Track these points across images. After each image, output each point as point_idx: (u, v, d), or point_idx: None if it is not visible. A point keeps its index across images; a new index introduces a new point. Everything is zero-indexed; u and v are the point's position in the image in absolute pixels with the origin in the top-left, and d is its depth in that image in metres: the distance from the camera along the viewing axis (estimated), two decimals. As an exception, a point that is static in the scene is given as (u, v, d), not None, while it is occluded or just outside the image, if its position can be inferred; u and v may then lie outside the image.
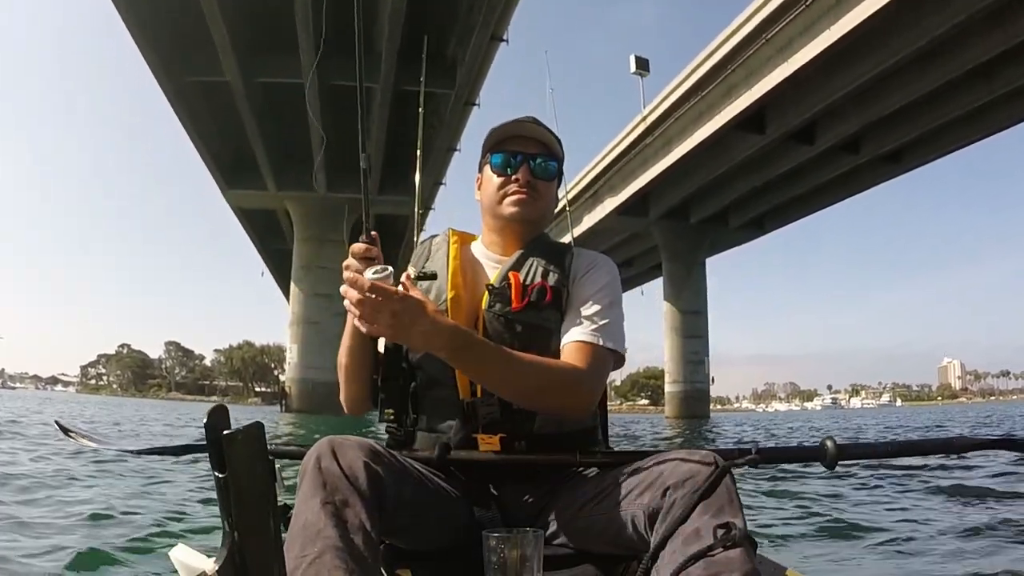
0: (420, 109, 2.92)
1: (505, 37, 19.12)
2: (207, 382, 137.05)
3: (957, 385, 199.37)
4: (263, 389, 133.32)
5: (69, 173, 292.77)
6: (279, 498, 0.69)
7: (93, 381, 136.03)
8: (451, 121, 24.39)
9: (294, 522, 0.98)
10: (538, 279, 1.37)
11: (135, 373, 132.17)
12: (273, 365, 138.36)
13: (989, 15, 17.04)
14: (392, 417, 1.38)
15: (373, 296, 1.08)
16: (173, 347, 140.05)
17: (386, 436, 1.44)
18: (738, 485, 1.02)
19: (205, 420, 0.64)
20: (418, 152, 2.80)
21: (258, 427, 0.66)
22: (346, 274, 1.16)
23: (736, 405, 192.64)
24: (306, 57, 18.73)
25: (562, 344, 1.34)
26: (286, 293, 58.72)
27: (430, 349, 1.18)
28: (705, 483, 0.98)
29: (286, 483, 0.95)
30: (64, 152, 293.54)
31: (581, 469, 1.33)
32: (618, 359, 1.37)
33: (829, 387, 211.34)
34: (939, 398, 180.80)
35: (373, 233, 1.30)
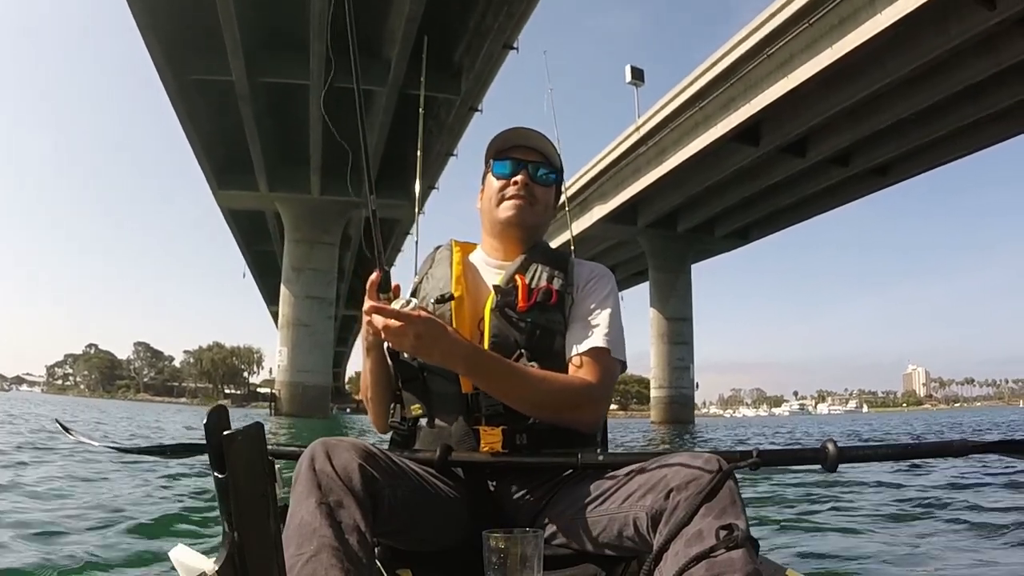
0: (420, 110, 3.02)
1: (516, 45, 19.33)
2: (176, 383, 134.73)
3: (922, 392, 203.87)
4: (233, 391, 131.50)
5: (33, 168, 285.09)
6: (278, 498, 0.70)
7: (60, 381, 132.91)
8: (453, 126, 24.50)
9: (289, 522, 1.00)
10: (543, 282, 1.42)
11: (103, 373, 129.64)
12: (243, 367, 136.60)
13: (982, 40, 17.78)
14: (415, 412, 1.41)
15: (398, 322, 1.19)
16: (142, 348, 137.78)
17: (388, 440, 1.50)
18: (740, 486, 1.04)
19: (205, 421, 0.64)
20: (418, 155, 2.89)
21: (258, 428, 0.67)
22: (368, 306, 1.24)
23: (704, 411, 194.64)
24: (316, 60, 18.71)
25: (571, 354, 1.40)
26: (266, 295, 58.37)
27: (449, 365, 1.26)
28: (708, 485, 1.00)
29: (285, 484, 1.01)
30: (28, 144, 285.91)
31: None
32: (622, 366, 1.44)
33: (795, 393, 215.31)
34: (904, 405, 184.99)
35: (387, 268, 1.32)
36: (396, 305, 1.22)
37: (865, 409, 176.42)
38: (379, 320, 1.20)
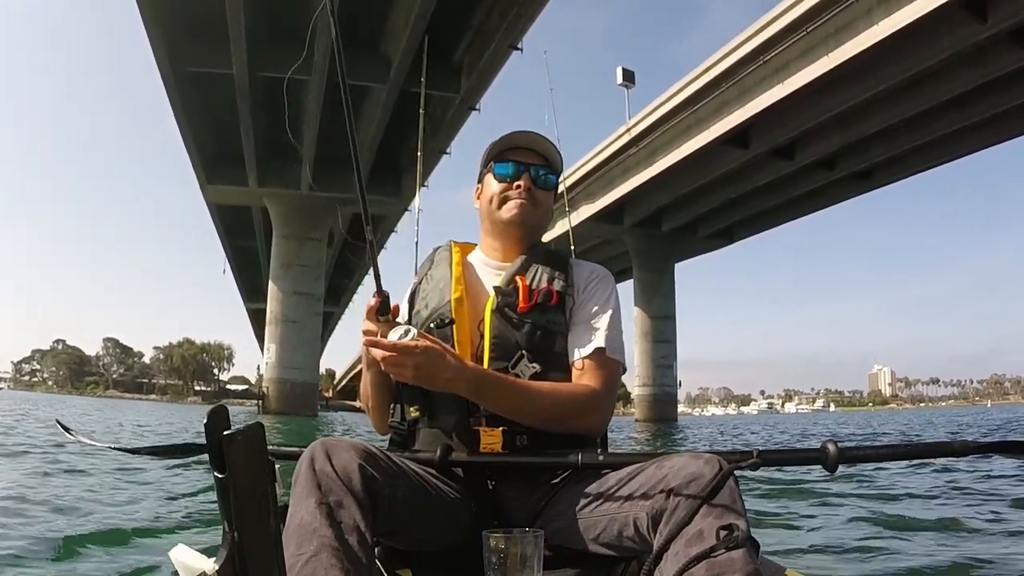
0: (421, 111, 3.07)
1: (520, 46, 19.47)
2: (146, 380, 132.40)
3: (888, 392, 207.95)
4: (203, 388, 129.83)
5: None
6: (278, 498, 0.70)
7: (27, 377, 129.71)
8: (450, 124, 24.53)
9: (289, 522, 1.01)
10: (544, 284, 1.42)
11: (71, 370, 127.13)
12: (214, 364, 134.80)
13: (972, 52, 18.44)
14: (414, 414, 1.41)
15: (397, 354, 1.19)
16: (111, 344, 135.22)
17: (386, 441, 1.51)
18: (740, 487, 1.05)
19: (205, 421, 0.64)
20: (419, 155, 2.90)
21: (258, 428, 0.67)
22: (366, 339, 1.26)
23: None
24: (320, 55, 18.60)
25: (574, 358, 1.41)
26: (244, 290, 57.62)
27: (452, 391, 1.27)
28: (709, 485, 1.00)
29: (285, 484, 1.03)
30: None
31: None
32: (622, 368, 1.46)
33: (762, 392, 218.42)
34: (871, 404, 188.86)
35: (385, 290, 1.31)
36: (394, 335, 1.22)
37: (832, 408, 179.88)
38: (378, 353, 1.22)
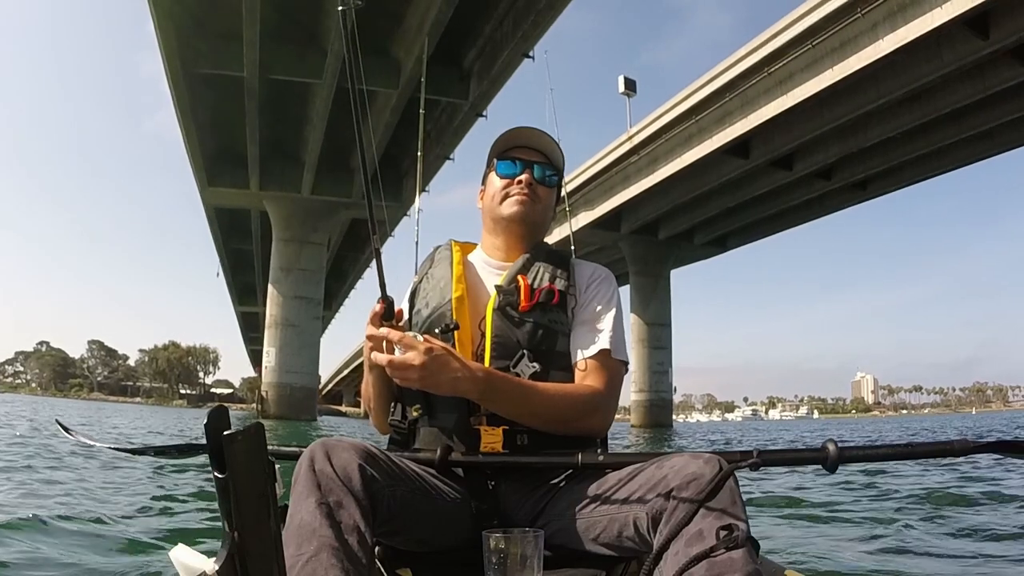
0: (420, 112, 3.13)
1: (532, 54, 19.71)
2: (131, 383, 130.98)
3: (870, 399, 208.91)
4: (188, 391, 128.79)
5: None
6: (278, 499, 0.70)
7: (10, 379, 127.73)
8: (457, 130, 24.68)
9: (289, 522, 1.01)
10: (545, 283, 1.42)
11: (55, 372, 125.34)
12: (199, 367, 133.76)
13: (972, 68, 18.94)
14: (415, 413, 1.41)
15: (401, 358, 1.21)
16: (96, 346, 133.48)
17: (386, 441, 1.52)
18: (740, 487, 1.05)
19: (205, 421, 0.65)
20: (419, 155, 2.94)
21: (258, 428, 0.67)
22: (370, 342, 1.27)
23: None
24: (332, 58, 18.75)
25: (577, 359, 1.41)
26: (235, 293, 57.22)
27: (459, 393, 1.26)
28: (709, 485, 1.00)
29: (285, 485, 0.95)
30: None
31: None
32: (625, 367, 1.46)
33: (746, 399, 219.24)
34: (853, 411, 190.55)
35: (390, 296, 1.32)
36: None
37: (816, 415, 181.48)
38: (382, 358, 1.23)
